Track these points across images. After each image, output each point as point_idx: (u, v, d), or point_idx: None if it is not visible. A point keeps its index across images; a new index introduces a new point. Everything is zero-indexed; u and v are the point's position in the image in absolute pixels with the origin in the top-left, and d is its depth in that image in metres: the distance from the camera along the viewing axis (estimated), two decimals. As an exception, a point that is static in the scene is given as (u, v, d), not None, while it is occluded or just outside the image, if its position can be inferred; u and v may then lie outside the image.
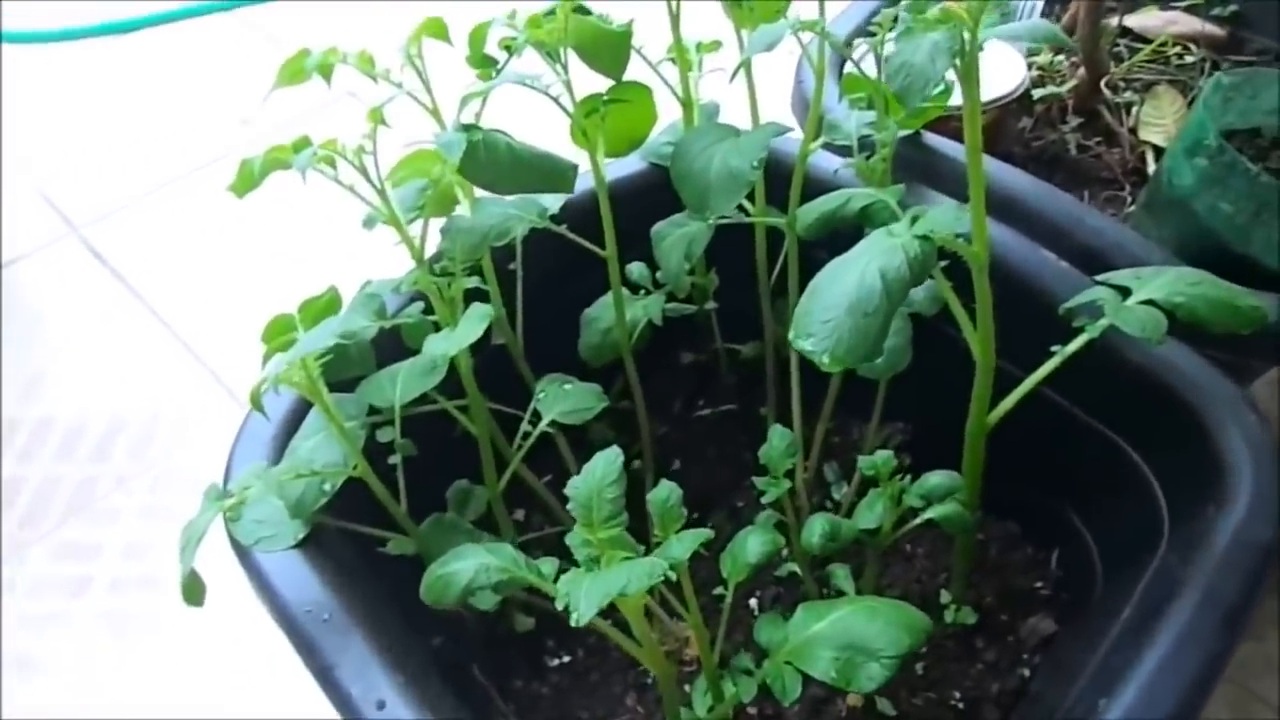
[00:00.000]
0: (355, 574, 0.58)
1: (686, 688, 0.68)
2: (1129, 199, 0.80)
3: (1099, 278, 0.56)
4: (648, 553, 0.48)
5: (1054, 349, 0.54)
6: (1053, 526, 0.70)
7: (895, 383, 0.70)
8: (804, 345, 0.41)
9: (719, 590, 0.70)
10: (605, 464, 0.47)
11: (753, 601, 0.72)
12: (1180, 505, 0.58)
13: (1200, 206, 0.66)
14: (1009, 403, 0.56)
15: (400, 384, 0.56)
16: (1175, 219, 0.68)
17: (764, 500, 0.56)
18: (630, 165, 0.77)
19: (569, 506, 0.47)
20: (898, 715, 0.65)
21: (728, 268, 0.77)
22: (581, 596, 0.41)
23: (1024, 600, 0.70)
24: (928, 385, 0.67)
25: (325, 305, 0.56)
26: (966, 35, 0.41)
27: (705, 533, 0.46)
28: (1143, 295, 0.53)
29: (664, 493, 0.49)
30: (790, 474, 0.57)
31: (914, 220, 0.43)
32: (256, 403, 0.49)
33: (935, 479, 0.53)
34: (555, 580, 0.46)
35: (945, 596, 0.69)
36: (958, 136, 0.75)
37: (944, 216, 0.42)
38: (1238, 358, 0.65)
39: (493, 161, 0.47)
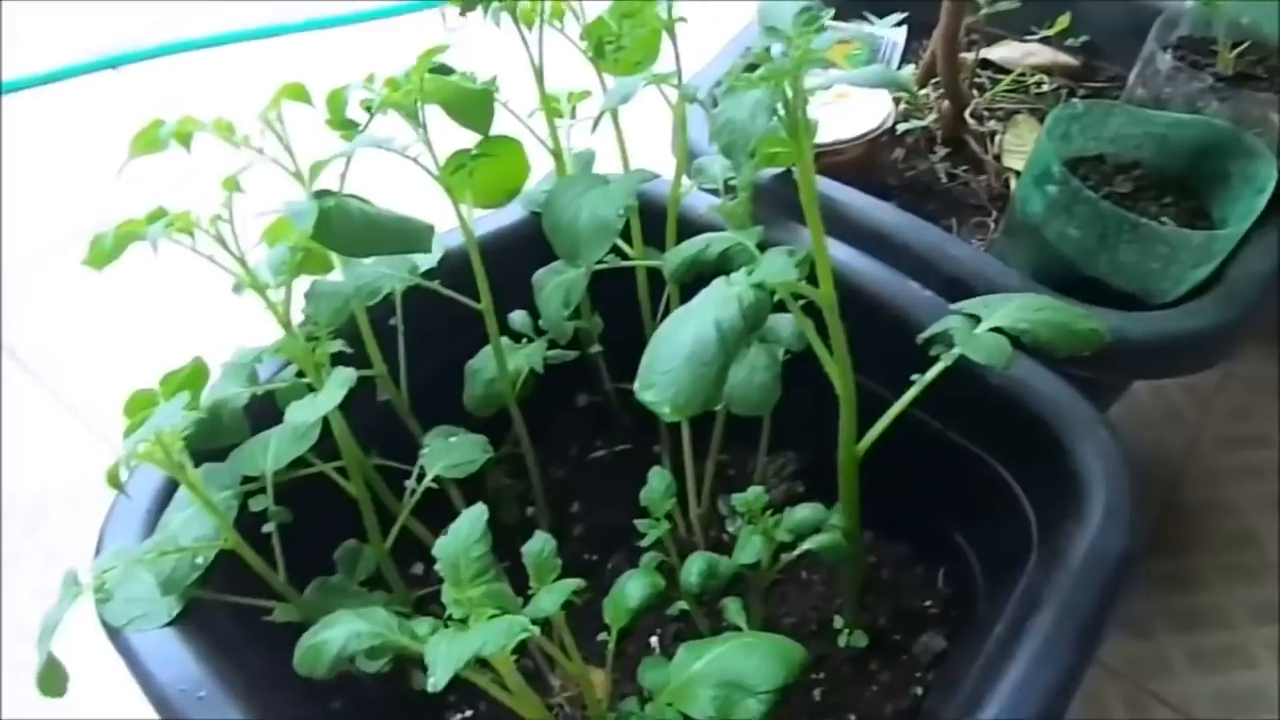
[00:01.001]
0: (236, 648, 0.57)
1: (589, 732, 0.68)
2: (994, 224, 0.84)
3: (953, 307, 0.59)
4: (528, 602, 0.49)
5: (915, 377, 0.57)
6: (939, 546, 0.72)
7: (783, 414, 0.71)
8: (646, 396, 0.42)
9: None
10: (470, 523, 0.47)
11: (654, 639, 0.72)
12: (1046, 521, 0.61)
13: (1050, 233, 0.69)
14: (876, 431, 0.58)
15: (272, 451, 0.56)
16: (1029, 244, 0.72)
17: (643, 544, 0.57)
18: (512, 214, 0.77)
19: (436, 566, 0.47)
20: (796, 742, 0.66)
21: (614, 309, 0.78)
22: (439, 660, 0.41)
23: (916, 620, 0.72)
24: (814, 415, 0.69)
25: (189, 377, 0.55)
26: (789, 91, 0.43)
27: (575, 583, 0.46)
28: (990, 323, 0.55)
29: (537, 545, 0.49)
30: (670, 515, 0.58)
31: (749, 271, 0.44)
32: (114, 482, 0.48)
33: (802, 513, 0.54)
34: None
35: (838, 621, 0.70)
36: (826, 172, 0.78)
37: (776, 265, 0.44)
38: (1100, 375, 0.69)
39: (347, 227, 0.48)
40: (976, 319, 0.56)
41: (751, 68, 0.44)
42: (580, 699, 0.69)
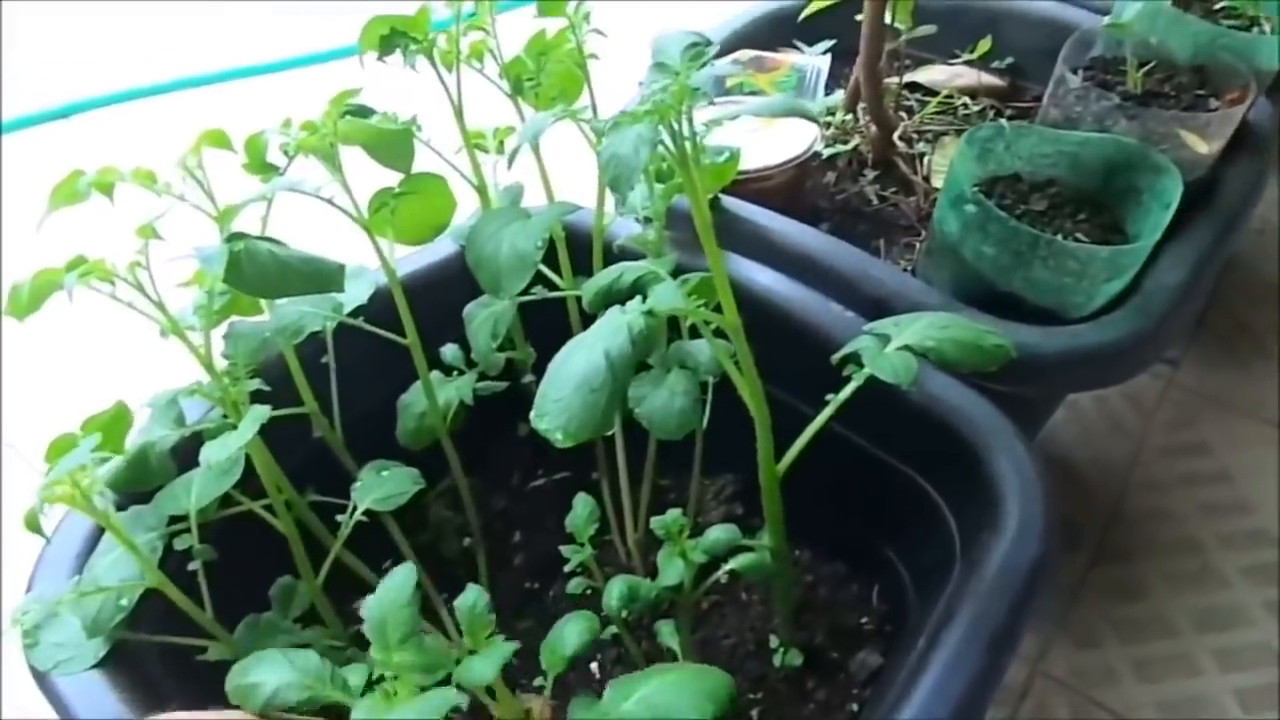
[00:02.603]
0: (165, 688, 0.57)
1: (532, 761, 0.68)
2: (924, 245, 0.86)
3: (865, 327, 0.60)
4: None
5: (829, 396, 0.58)
6: (873, 562, 0.73)
7: (718, 437, 0.72)
8: (540, 425, 0.43)
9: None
10: (398, 583, 0.45)
11: (594, 665, 0.73)
12: (966, 532, 0.62)
13: (967, 251, 0.71)
14: (795, 450, 0.59)
15: (195, 490, 0.56)
16: (950, 263, 0.74)
17: (567, 568, 0.58)
18: (443, 250, 0.79)
19: (363, 628, 0.46)
20: (733, 761, 0.66)
21: (547, 339, 0.79)
22: (367, 731, 0.41)
23: (852, 637, 0.72)
24: (748, 436, 0.70)
25: (111, 421, 0.56)
26: (676, 125, 0.44)
27: (509, 648, 0.46)
28: (899, 342, 0.57)
29: (470, 599, 0.48)
30: (594, 541, 0.59)
31: (641, 301, 0.45)
32: (33, 526, 0.48)
33: (715, 534, 0.55)
34: (362, 694, 0.45)
35: (774, 641, 0.71)
36: (754, 198, 0.80)
37: (665, 293, 0.45)
38: (1018, 389, 0.70)
39: (256, 270, 0.49)
40: (887, 338, 0.57)
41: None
42: (522, 728, 0.69)
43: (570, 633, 0.51)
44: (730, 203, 0.79)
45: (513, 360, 0.75)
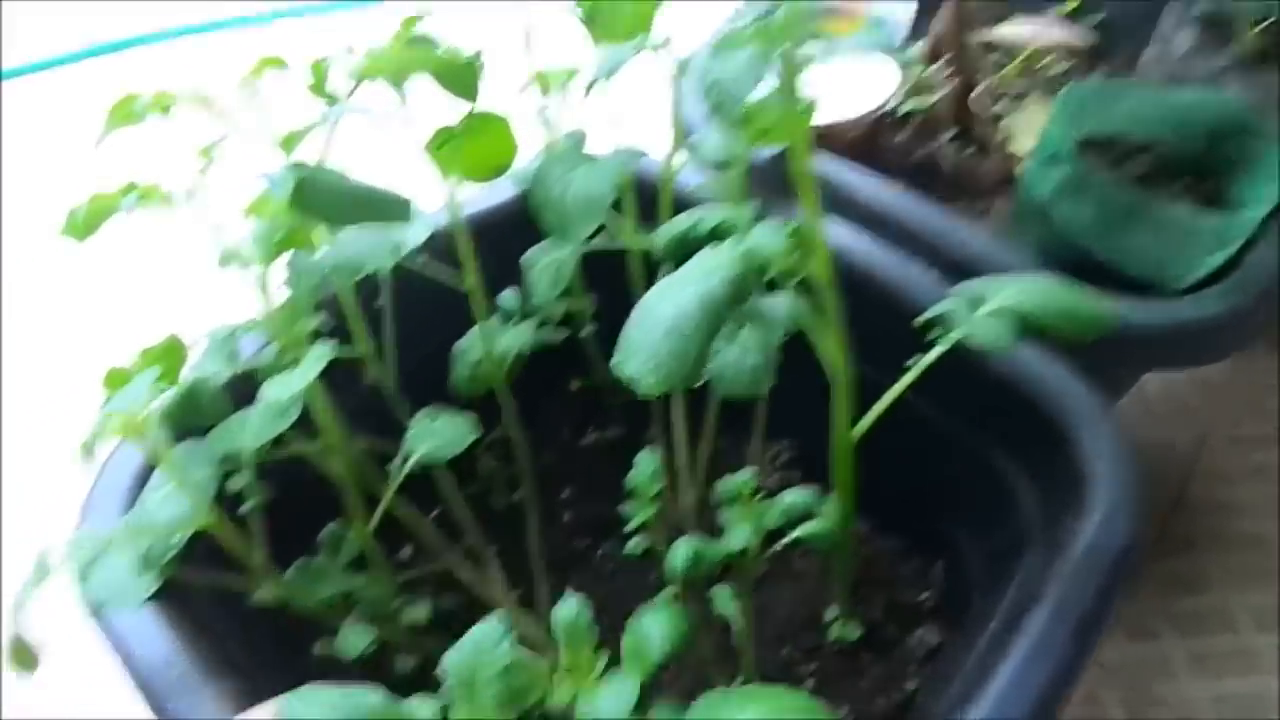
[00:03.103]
0: (215, 629, 0.56)
1: None
2: (1003, 210, 0.81)
3: (954, 289, 0.57)
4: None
5: (912, 360, 0.55)
6: (936, 539, 0.70)
7: (780, 399, 0.70)
8: (625, 370, 0.40)
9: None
10: (488, 636, 0.38)
11: (644, 628, 0.71)
12: (1045, 515, 0.59)
13: (1059, 216, 0.67)
14: (871, 417, 0.56)
15: (250, 429, 0.54)
16: (1037, 228, 0.70)
17: (630, 527, 0.56)
18: (503, 193, 0.76)
19: (445, 685, 0.39)
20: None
21: (608, 291, 0.77)
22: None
23: (910, 614, 0.70)
24: (812, 401, 0.68)
25: (164, 353, 0.54)
26: (784, 50, 0.41)
27: (631, 687, 0.40)
28: (992, 305, 0.53)
29: (570, 611, 0.42)
30: (674, 496, 0.56)
31: (737, 241, 0.42)
32: (87, 455, 0.47)
33: (792, 498, 0.52)
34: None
35: (830, 612, 0.68)
36: (830, 150, 0.76)
37: (765, 235, 0.42)
38: (1108, 365, 0.66)
39: (322, 196, 0.46)
40: (979, 301, 0.54)
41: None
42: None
43: (656, 634, 0.43)
44: (804, 155, 0.75)
45: (570, 312, 0.72)
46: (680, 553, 0.52)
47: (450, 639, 0.71)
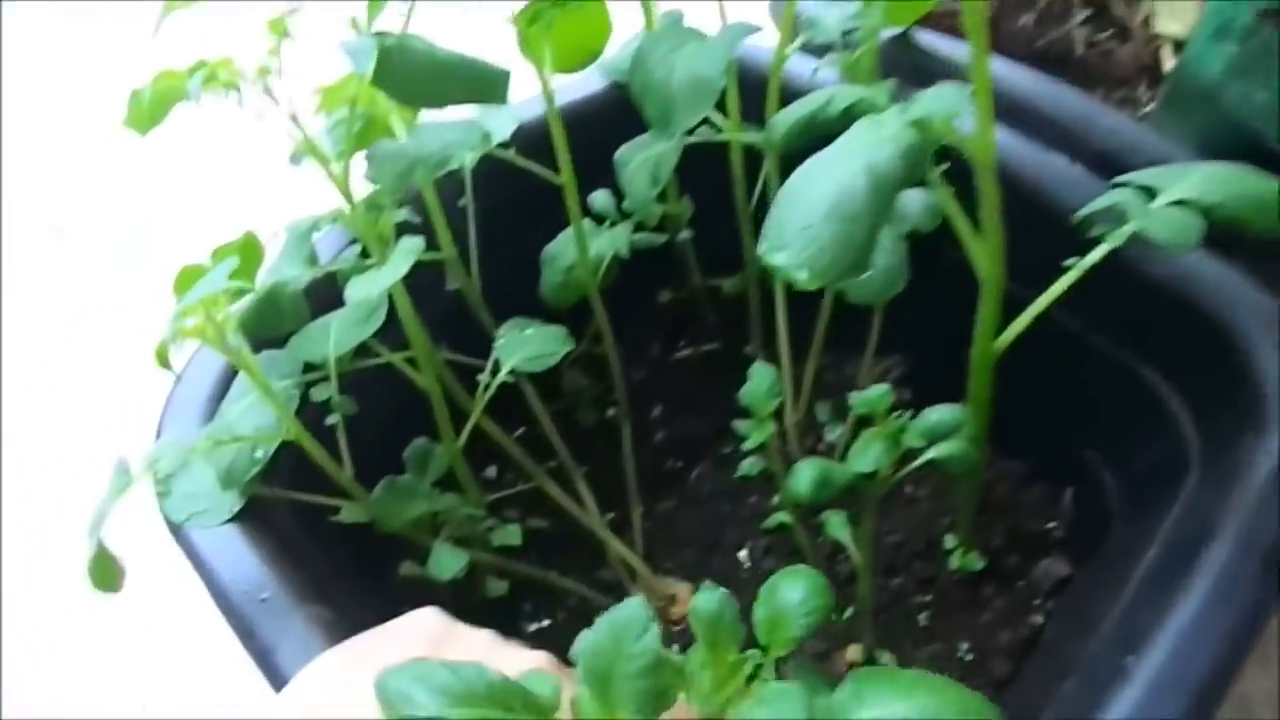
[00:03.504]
0: (300, 548, 0.53)
1: (673, 646, 0.63)
2: (1144, 99, 0.73)
3: (1119, 179, 0.50)
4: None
5: (1070, 262, 0.48)
6: (1066, 463, 0.64)
7: (891, 312, 0.64)
8: (778, 259, 0.34)
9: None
10: (630, 625, 0.32)
11: (742, 554, 0.66)
12: (1211, 436, 0.52)
13: (1230, 98, 0.58)
14: (1018, 326, 0.50)
15: (334, 335, 0.50)
16: (1201, 114, 0.61)
17: (746, 446, 0.51)
18: (590, 85, 0.70)
19: (579, 673, 0.33)
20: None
21: (703, 194, 0.70)
22: None
23: (1035, 543, 0.64)
24: (926, 313, 0.61)
25: (241, 250, 0.49)
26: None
27: (798, 697, 0.33)
28: (1171, 196, 0.46)
29: (712, 605, 0.36)
30: (778, 416, 0.51)
31: (904, 110, 0.36)
32: (163, 361, 0.43)
33: (938, 415, 0.47)
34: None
35: (950, 541, 0.63)
36: (953, 33, 0.67)
37: (942, 98, 0.35)
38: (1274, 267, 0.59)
39: (410, 69, 0.41)
40: (1151, 193, 0.47)
41: None
42: (663, 613, 0.64)
43: (795, 603, 0.37)
44: (923, 37, 0.67)
45: (664, 215, 0.67)
46: (805, 475, 0.47)
47: (539, 562, 0.68)
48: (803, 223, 0.33)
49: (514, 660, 0.41)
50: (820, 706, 0.34)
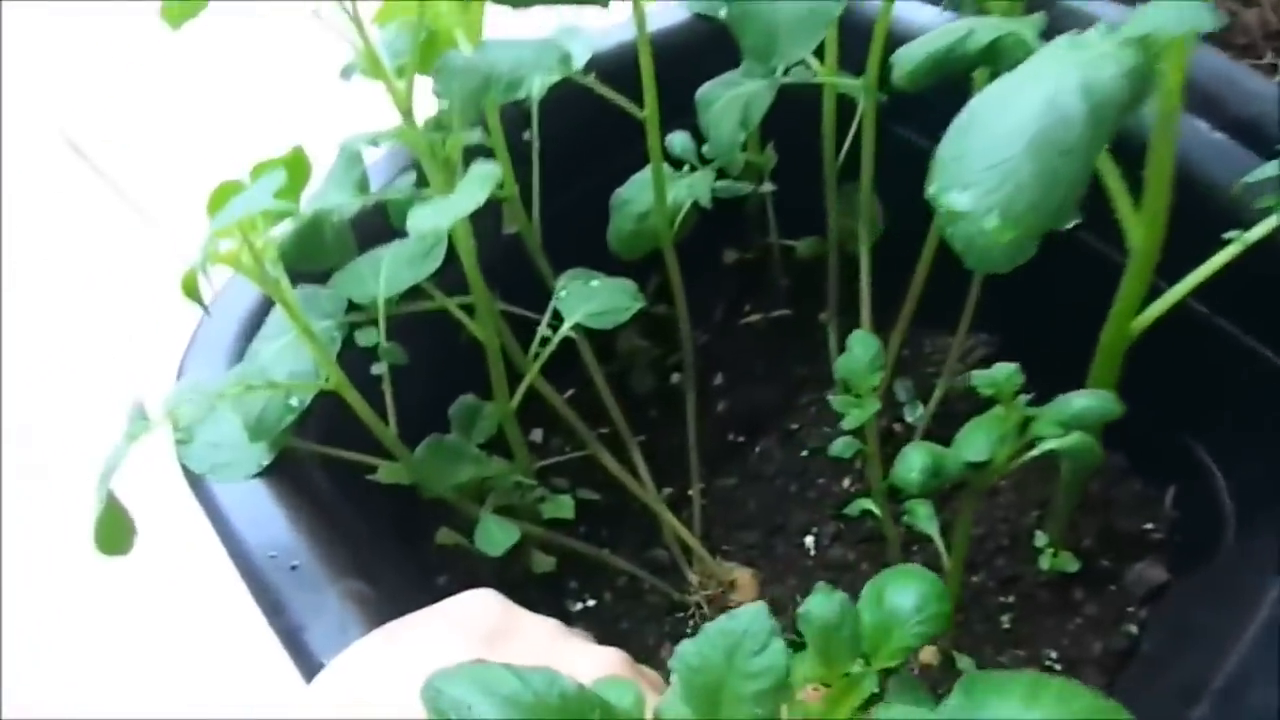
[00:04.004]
0: (335, 510, 0.48)
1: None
2: (1274, 65, 0.66)
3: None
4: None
5: (1231, 235, 0.42)
6: (1172, 458, 0.59)
7: (985, 284, 0.58)
8: (957, 202, 0.28)
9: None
10: (750, 633, 0.27)
11: (808, 539, 0.61)
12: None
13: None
14: (1161, 307, 0.44)
15: (385, 273, 0.44)
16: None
17: (845, 425, 0.45)
18: (671, 15, 0.63)
19: (677, 689, 0.28)
20: (982, 677, 0.55)
21: (781, 147, 0.64)
22: None
23: (1130, 544, 0.59)
24: (1025, 288, 0.56)
25: (288, 166, 0.43)
26: None
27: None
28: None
29: (831, 613, 0.31)
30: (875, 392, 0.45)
31: (1111, 30, 0.30)
32: (191, 292, 0.37)
33: (1082, 401, 0.41)
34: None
35: (1040, 538, 0.58)
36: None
37: (1172, 13, 0.29)
38: None
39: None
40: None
41: None
42: (720, 599, 0.59)
43: (909, 609, 0.32)
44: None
45: (746, 164, 0.60)
46: (916, 462, 0.41)
47: (588, 538, 0.63)
48: (994, 157, 0.27)
49: (584, 659, 0.36)
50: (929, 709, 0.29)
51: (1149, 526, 0.59)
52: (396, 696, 0.33)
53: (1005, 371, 0.41)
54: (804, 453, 0.63)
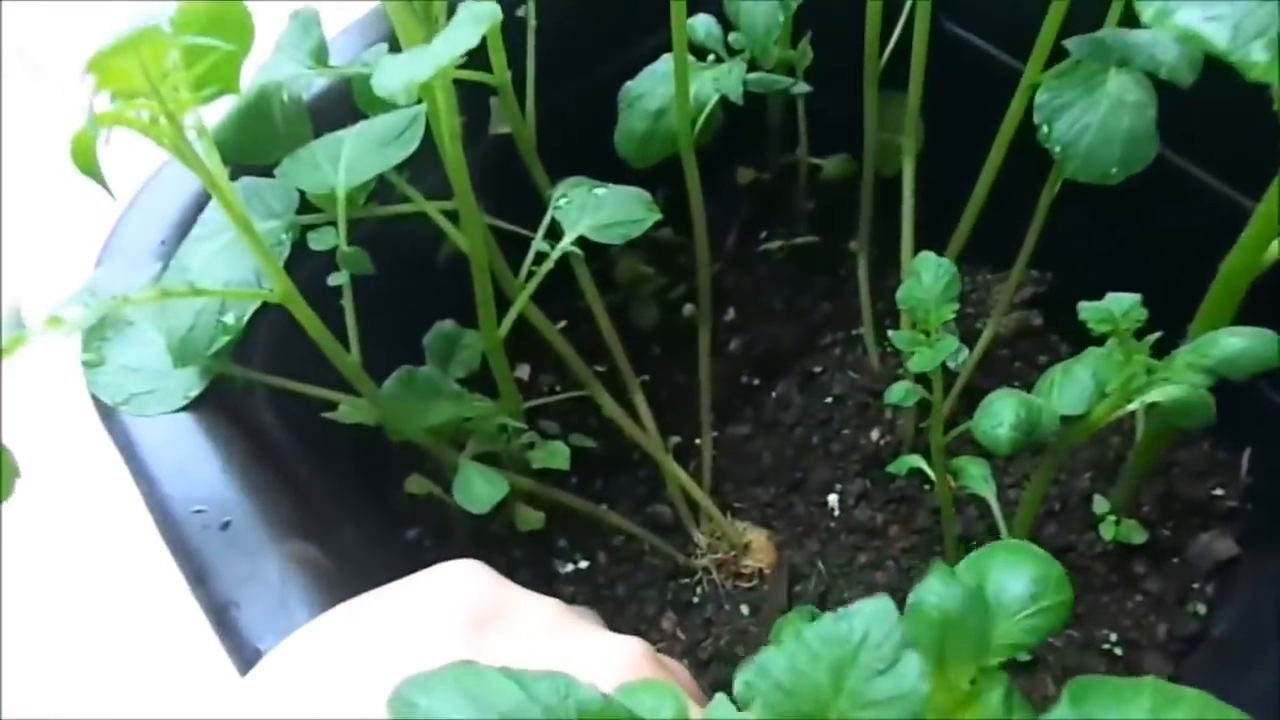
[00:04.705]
0: (281, 455, 0.39)
1: (743, 607, 0.51)
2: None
3: None
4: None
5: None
6: (1250, 416, 0.51)
7: (1050, 212, 0.50)
8: (1180, 16, 0.20)
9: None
10: (875, 632, 0.19)
11: (831, 498, 0.54)
12: None
13: None
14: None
15: (346, 159, 0.35)
16: None
17: (912, 367, 0.37)
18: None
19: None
20: (1032, 660, 0.48)
21: (824, 43, 0.55)
22: None
23: (1195, 512, 0.52)
24: (1092, 217, 0.48)
25: (217, 23, 0.33)
26: None
27: None
28: None
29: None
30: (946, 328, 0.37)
31: None
32: (84, 163, 0.28)
33: (1236, 342, 0.33)
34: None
35: (1100, 504, 0.51)
36: None
37: None
38: None
39: None
40: None
41: None
42: (731, 564, 0.52)
43: (1016, 599, 0.26)
44: None
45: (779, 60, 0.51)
46: (1005, 414, 0.33)
47: (581, 490, 0.55)
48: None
49: (598, 653, 0.28)
50: None
51: (1219, 493, 0.53)
52: (354, 701, 0.25)
53: (1124, 303, 0.33)
54: (827, 399, 0.56)
